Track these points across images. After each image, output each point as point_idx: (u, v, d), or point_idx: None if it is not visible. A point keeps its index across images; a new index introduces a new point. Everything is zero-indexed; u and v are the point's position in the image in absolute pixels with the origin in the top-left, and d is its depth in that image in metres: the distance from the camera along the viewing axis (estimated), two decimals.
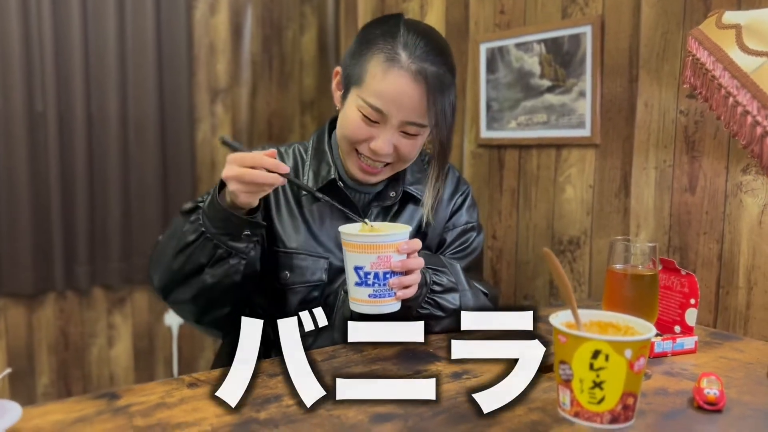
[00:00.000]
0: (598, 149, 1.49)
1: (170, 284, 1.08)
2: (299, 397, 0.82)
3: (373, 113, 1.04)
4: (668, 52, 1.32)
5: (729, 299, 1.24)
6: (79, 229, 2.10)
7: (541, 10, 1.60)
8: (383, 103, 1.03)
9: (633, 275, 0.95)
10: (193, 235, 1.02)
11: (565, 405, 0.78)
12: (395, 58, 1.03)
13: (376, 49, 1.05)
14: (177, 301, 1.11)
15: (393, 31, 1.06)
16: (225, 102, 2.43)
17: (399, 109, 1.04)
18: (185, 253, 1.03)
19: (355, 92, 1.07)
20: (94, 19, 2.09)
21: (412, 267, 0.98)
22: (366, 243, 0.95)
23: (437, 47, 1.07)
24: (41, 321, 2.13)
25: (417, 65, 1.02)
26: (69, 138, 2.07)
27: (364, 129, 1.06)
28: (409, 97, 1.03)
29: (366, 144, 1.08)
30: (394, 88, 1.03)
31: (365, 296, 0.96)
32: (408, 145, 1.09)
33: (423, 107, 1.04)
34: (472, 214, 1.27)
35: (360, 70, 1.06)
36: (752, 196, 1.20)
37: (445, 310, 1.11)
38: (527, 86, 1.62)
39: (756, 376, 0.96)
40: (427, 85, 1.03)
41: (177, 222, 1.08)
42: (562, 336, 0.77)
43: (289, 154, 1.21)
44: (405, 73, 1.02)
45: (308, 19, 2.60)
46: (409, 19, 1.11)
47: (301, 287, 1.14)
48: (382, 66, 1.03)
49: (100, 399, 0.81)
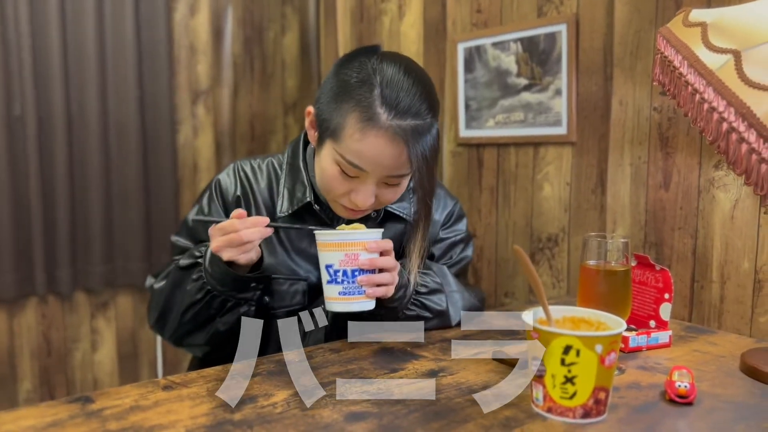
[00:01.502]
0: (575, 147, 1.50)
1: (181, 335, 1.11)
2: (274, 398, 0.83)
3: (352, 170, 1.01)
4: (641, 50, 1.34)
5: (703, 293, 1.26)
6: (60, 232, 2.08)
7: (517, 9, 1.61)
8: (362, 163, 1.00)
9: (606, 271, 0.96)
10: (200, 294, 1.04)
11: (538, 400, 0.79)
12: (373, 118, 0.97)
13: (353, 104, 0.99)
14: (190, 345, 1.14)
15: (369, 81, 0.99)
16: (206, 103, 2.42)
17: (379, 167, 1.01)
18: (194, 310, 1.06)
19: (332, 146, 1.02)
20: (73, 20, 2.07)
21: (382, 266, 0.99)
22: (334, 241, 0.98)
23: (417, 94, 1.00)
24: (22, 326, 2.11)
25: (396, 123, 0.97)
26: (48, 141, 2.05)
27: (343, 183, 1.04)
28: (389, 156, 0.99)
29: (346, 197, 1.05)
30: (373, 148, 0.98)
31: (336, 293, 0.98)
32: (390, 193, 1.07)
33: (403, 159, 1.00)
34: (459, 226, 1.27)
35: (336, 124, 1.01)
36: (724, 192, 1.21)
37: (432, 311, 1.13)
38: (504, 85, 1.63)
39: (728, 369, 0.97)
40: (407, 141, 0.98)
41: (177, 277, 1.09)
42: (534, 332, 0.78)
43: (263, 170, 1.19)
44: (384, 133, 0.97)
45: (289, 20, 2.60)
46: (386, 55, 1.05)
47: (282, 311, 1.15)
48: (360, 126, 0.98)
49: (74, 403, 0.81)
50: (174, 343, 1.16)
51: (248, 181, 1.18)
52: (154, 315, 1.15)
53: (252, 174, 1.19)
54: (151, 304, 1.18)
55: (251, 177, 1.18)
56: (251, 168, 1.19)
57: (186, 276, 1.07)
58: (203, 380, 0.90)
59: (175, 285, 1.10)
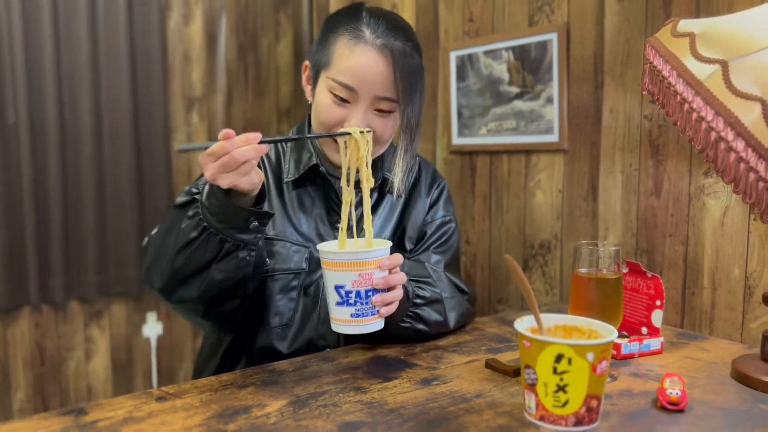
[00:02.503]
0: (567, 154, 1.51)
1: (173, 284, 1.01)
2: (267, 408, 0.83)
3: (344, 91, 1.06)
4: (632, 59, 1.35)
5: (695, 300, 1.27)
6: (53, 241, 2.08)
7: (508, 18, 1.62)
8: (352, 79, 1.05)
9: (597, 279, 0.97)
10: (195, 232, 0.95)
11: (531, 409, 0.79)
12: (360, 36, 1.06)
13: (341, 32, 1.08)
14: (182, 299, 1.03)
15: (355, 14, 1.10)
16: (200, 111, 2.43)
17: (369, 84, 1.05)
18: (187, 251, 0.96)
19: (324, 75, 1.09)
20: (66, 28, 2.07)
21: (395, 283, 0.95)
22: (346, 261, 0.91)
23: (399, 26, 1.10)
24: (16, 336, 2.11)
25: (381, 40, 1.06)
26: (42, 149, 2.05)
27: (336, 110, 1.08)
28: (377, 72, 1.05)
29: (340, 126, 1.08)
30: (362, 62, 1.05)
31: (347, 316, 0.93)
32: (382, 124, 1.10)
33: (391, 80, 1.06)
34: (448, 208, 1.29)
35: (327, 54, 1.09)
36: (714, 199, 1.22)
37: (428, 323, 1.12)
38: (497, 93, 1.64)
39: (719, 376, 0.98)
40: (393, 58, 1.06)
41: (173, 216, 1.03)
42: (526, 341, 0.78)
43: (269, 146, 1.16)
44: (370, 47, 1.06)
45: (283, 27, 2.61)
46: (371, 6, 1.14)
47: (281, 275, 1.14)
48: (348, 44, 1.06)
49: (67, 415, 0.81)
50: (165, 297, 1.04)
51: None
52: (147, 262, 1.06)
53: None
54: (144, 253, 1.09)
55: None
56: None
57: (182, 214, 0.99)
58: (197, 391, 0.90)
59: (170, 226, 1.02)
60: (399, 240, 1.24)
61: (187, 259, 0.97)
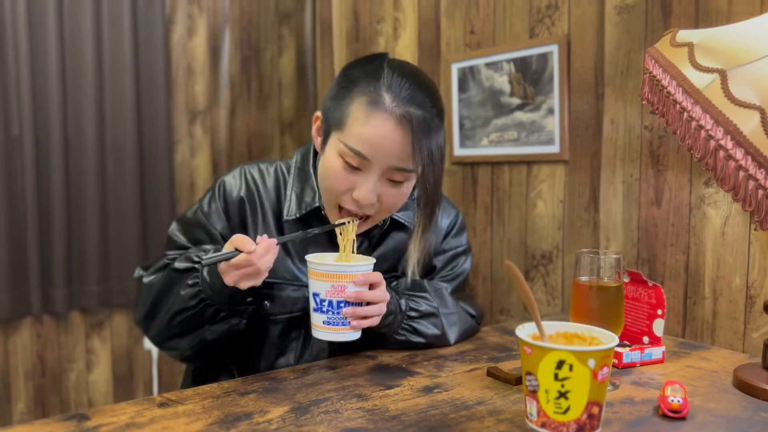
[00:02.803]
0: (568, 165, 1.52)
1: (166, 337, 1.09)
2: (269, 415, 0.83)
3: (355, 158, 0.97)
4: (632, 70, 1.36)
5: (696, 309, 1.27)
6: (56, 252, 2.09)
7: (509, 30, 1.63)
8: (366, 148, 0.96)
9: (598, 287, 0.97)
10: (193, 301, 1.01)
11: (532, 416, 0.79)
12: (379, 101, 0.96)
13: (358, 91, 0.98)
14: (173, 348, 1.11)
15: (376, 71, 1.00)
16: (204, 123, 2.45)
17: (382, 155, 0.97)
18: (184, 315, 1.03)
19: (336, 136, 1.00)
20: (71, 41, 2.09)
21: (370, 299, 0.97)
22: (322, 271, 0.96)
23: (424, 89, 1.00)
24: (17, 346, 2.11)
25: (402, 108, 0.96)
26: (46, 161, 2.06)
27: (346, 178, 1.00)
28: (393, 142, 0.96)
29: (349, 194, 1.01)
30: (378, 132, 0.96)
31: (320, 322, 0.98)
32: (393, 194, 1.03)
33: (408, 152, 0.97)
34: (461, 239, 1.26)
35: (341, 114, 1.00)
36: (715, 208, 1.23)
37: (425, 336, 1.12)
38: (498, 104, 1.65)
39: (721, 384, 0.98)
40: (413, 129, 0.96)
41: (171, 278, 1.06)
42: (527, 347, 0.78)
43: (270, 173, 1.16)
44: (389, 116, 0.95)
45: (286, 41, 2.63)
46: (393, 59, 1.06)
47: (281, 317, 1.12)
48: (365, 108, 0.96)
49: (70, 420, 0.81)
50: (156, 344, 1.13)
51: (255, 183, 1.15)
52: (141, 311, 1.11)
53: (259, 176, 1.16)
54: (138, 298, 1.13)
55: (258, 179, 1.15)
56: (258, 170, 1.17)
57: (180, 279, 1.03)
58: (199, 397, 0.90)
59: (168, 286, 1.06)
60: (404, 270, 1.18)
61: (183, 320, 1.04)
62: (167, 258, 1.12)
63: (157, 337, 1.10)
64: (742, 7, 1.16)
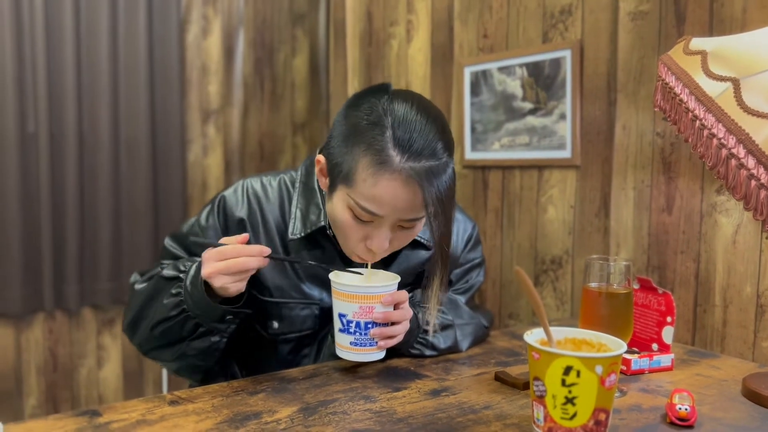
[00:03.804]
0: (579, 170, 1.52)
1: (149, 347, 1.08)
2: (278, 415, 0.84)
3: (366, 215, 0.96)
4: (644, 77, 1.36)
5: (706, 317, 1.27)
6: (68, 248, 2.11)
7: (522, 35, 1.64)
8: (376, 207, 0.94)
9: (608, 294, 0.97)
10: (175, 310, 1.00)
11: (539, 421, 0.79)
12: (386, 162, 0.92)
13: (364, 148, 0.94)
14: (157, 359, 1.11)
15: (381, 122, 0.94)
16: (217, 123, 2.46)
17: (393, 211, 0.95)
18: (165, 325, 1.02)
19: (345, 191, 0.97)
20: (87, 40, 2.12)
21: (396, 318, 0.97)
22: (349, 292, 0.95)
23: (431, 133, 0.95)
24: (30, 341, 2.13)
25: (409, 166, 0.92)
26: (60, 158, 2.09)
27: (358, 229, 0.98)
28: (404, 200, 0.94)
29: (362, 243, 0.99)
30: (387, 192, 0.93)
31: (347, 343, 0.97)
32: (404, 235, 1.02)
33: (419, 204, 0.95)
34: (476, 252, 1.25)
35: (348, 169, 0.96)
36: (726, 216, 1.23)
37: (438, 349, 1.13)
38: (510, 109, 1.65)
39: (729, 393, 0.97)
40: (422, 184, 0.92)
41: (158, 286, 1.05)
42: (535, 353, 0.79)
43: (273, 187, 1.14)
44: (397, 176, 0.92)
45: (300, 42, 2.64)
46: (396, 95, 0.99)
47: (291, 336, 1.12)
48: (373, 170, 0.93)
49: (82, 416, 0.82)
50: (142, 353, 1.11)
51: (257, 200, 1.12)
52: (128, 318, 1.10)
53: (262, 192, 1.13)
54: (128, 303, 1.12)
55: (261, 196, 1.13)
56: (261, 186, 1.14)
57: (165, 288, 1.03)
58: (209, 396, 0.91)
59: (154, 294, 1.05)
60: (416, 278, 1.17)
61: (164, 331, 1.03)
62: (161, 266, 1.09)
63: (142, 346, 1.10)
64: (757, 15, 1.16)
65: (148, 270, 1.14)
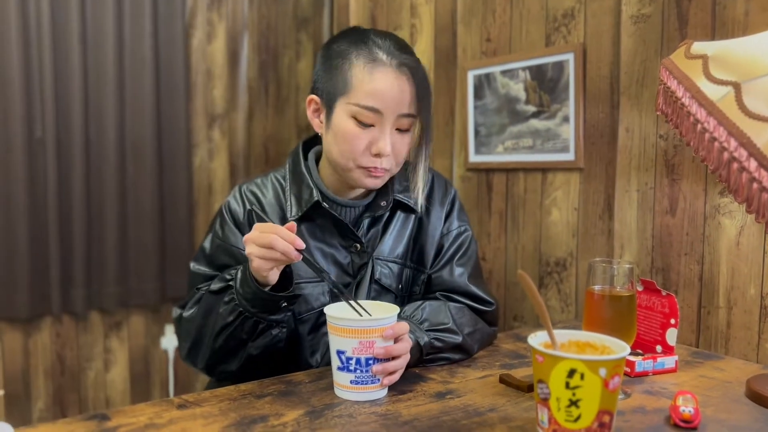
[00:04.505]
0: (582, 173, 1.52)
1: (215, 362, 1.11)
2: (284, 418, 0.85)
3: (370, 114, 1.07)
4: (647, 79, 1.36)
5: (710, 319, 1.27)
6: (76, 253, 2.12)
7: (525, 38, 1.64)
8: (378, 101, 1.06)
9: (611, 296, 0.98)
10: (232, 316, 1.03)
11: (544, 423, 0.80)
12: (376, 58, 1.08)
13: (353, 57, 1.09)
14: (223, 373, 1.13)
15: (362, 38, 1.11)
16: (222, 127, 2.48)
17: (393, 103, 1.07)
18: (226, 333, 1.05)
19: (344, 101, 1.08)
20: (93, 46, 2.13)
21: (398, 353, 0.94)
22: (348, 327, 0.91)
23: (404, 44, 1.14)
24: (37, 345, 2.15)
25: (396, 59, 1.08)
26: (67, 163, 2.10)
27: (363, 136, 1.08)
28: (400, 90, 1.07)
29: (367, 152, 1.09)
30: (384, 84, 1.06)
31: (347, 382, 0.92)
32: (400, 142, 1.11)
33: (412, 97, 1.09)
34: (462, 218, 1.29)
35: (343, 80, 1.09)
36: (730, 218, 1.23)
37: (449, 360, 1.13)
38: (513, 112, 1.66)
39: (733, 395, 0.98)
40: (411, 75, 1.08)
41: (209, 302, 1.08)
42: (539, 355, 0.79)
43: (267, 184, 1.22)
44: (389, 68, 1.07)
45: (304, 46, 2.66)
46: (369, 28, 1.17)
47: (308, 315, 1.15)
48: (367, 68, 1.07)
49: (91, 420, 0.83)
50: (207, 372, 1.15)
51: (255, 197, 1.20)
52: (187, 345, 1.14)
53: (258, 190, 1.21)
54: (181, 334, 1.16)
55: (258, 193, 1.20)
56: (256, 186, 1.22)
57: (218, 300, 1.06)
58: (216, 399, 0.92)
59: (208, 311, 1.09)
60: (418, 257, 1.23)
61: (226, 339, 1.06)
62: (201, 290, 1.14)
63: (207, 364, 1.12)
64: (759, 18, 1.17)
65: (186, 300, 1.17)
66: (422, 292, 1.23)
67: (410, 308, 1.14)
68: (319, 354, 1.17)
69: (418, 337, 1.05)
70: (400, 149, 1.12)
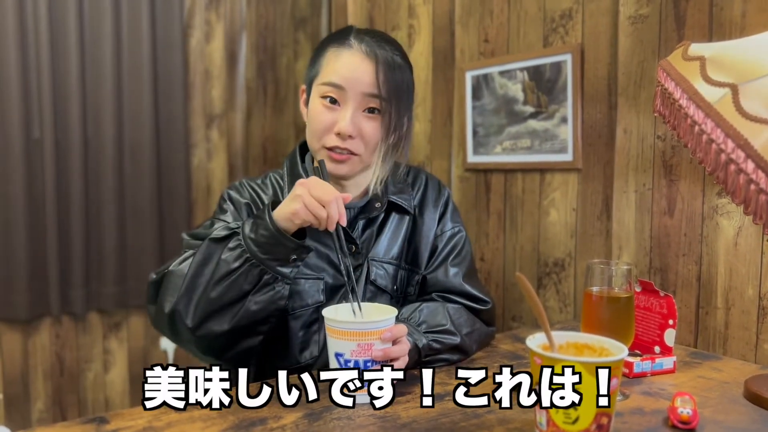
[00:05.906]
0: (580, 173, 1.52)
1: (206, 315, 1.01)
2: (283, 420, 0.85)
3: (333, 90, 1.10)
4: (645, 80, 1.37)
5: (708, 319, 1.27)
6: (74, 253, 2.12)
7: (523, 39, 1.64)
8: (339, 77, 1.10)
9: (609, 297, 0.98)
10: (237, 262, 0.99)
11: (542, 425, 0.80)
12: (346, 44, 1.12)
13: (329, 47, 1.14)
14: (211, 333, 1.02)
15: (344, 32, 1.16)
16: (220, 127, 2.48)
17: (355, 81, 1.10)
18: (226, 281, 1.00)
19: (315, 85, 1.14)
20: (91, 46, 2.13)
21: (396, 355, 0.94)
22: (346, 329, 0.91)
23: (388, 40, 1.16)
24: (36, 346, 2.15)
25: (367, 47, 1.11)
26: (65, 164, 2.10)
27: (327, 115, 1.11)
28: (363, 70, 1.10)
29: (331, 132, 1.11)
30: (348, 62, 1.10)
31: None
32: (370, 126, 1.12)
33: (375, 77, 1.10)
34: (456, 218, 1.30)
35: (318, 66, 1.15)
36: (727, 219, 1.23)
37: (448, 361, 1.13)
38: (511, 112, 1.66)
39: (731, 395, 0.98)
40: (378, 60, 1.11)
41: (209, 250, 1.03)
42: (537, 357, 0.79)
43: (267, 185, 1.23)
44: (356, 52, 1.11)
45: (302, 46, 2.66)
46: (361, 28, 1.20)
47: (301, 311, 1.15)
48: (335, 53, 1.12)
49: (89, 424, 0.83)
50: (193, 330, 1.02)
51: (255, 192, 1.22)
52: (173, 299, 1.03)
53: (258, 188, 1.23)
54: (166, 290, 1.05)
55: (258, 189, 1.23)
56: (256, 184, 1.24)
57: (220, 247, 1.02)
58: None
59: (206, 258, 1.03)
60: (412, 258, 1.24)
61: (226, 288, 1.00)
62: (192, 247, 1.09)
63: (196, 319, 1.02)
64: (756, 18, 1.17)
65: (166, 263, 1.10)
66: (416, 292, 1.24)
67: (408, 310, 1.14)
68: (308, 351, 1.16)
69: (416, 339, 1.05)
70: (369, 132, 1.12)
